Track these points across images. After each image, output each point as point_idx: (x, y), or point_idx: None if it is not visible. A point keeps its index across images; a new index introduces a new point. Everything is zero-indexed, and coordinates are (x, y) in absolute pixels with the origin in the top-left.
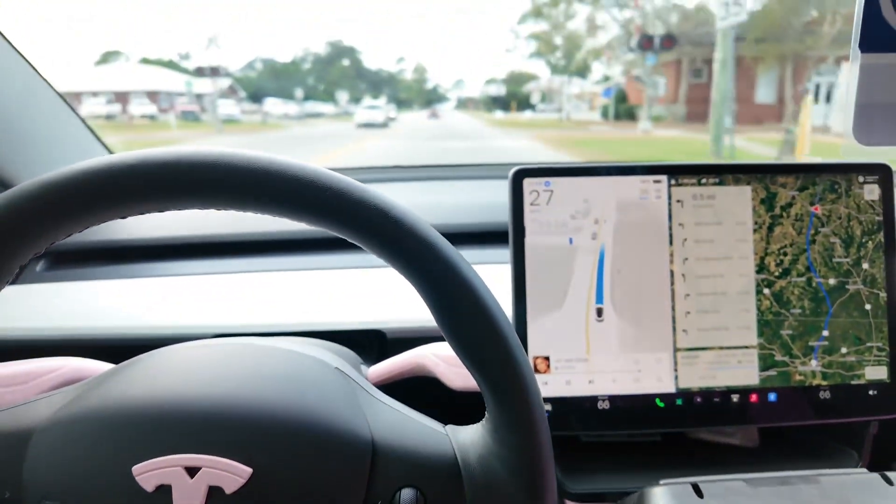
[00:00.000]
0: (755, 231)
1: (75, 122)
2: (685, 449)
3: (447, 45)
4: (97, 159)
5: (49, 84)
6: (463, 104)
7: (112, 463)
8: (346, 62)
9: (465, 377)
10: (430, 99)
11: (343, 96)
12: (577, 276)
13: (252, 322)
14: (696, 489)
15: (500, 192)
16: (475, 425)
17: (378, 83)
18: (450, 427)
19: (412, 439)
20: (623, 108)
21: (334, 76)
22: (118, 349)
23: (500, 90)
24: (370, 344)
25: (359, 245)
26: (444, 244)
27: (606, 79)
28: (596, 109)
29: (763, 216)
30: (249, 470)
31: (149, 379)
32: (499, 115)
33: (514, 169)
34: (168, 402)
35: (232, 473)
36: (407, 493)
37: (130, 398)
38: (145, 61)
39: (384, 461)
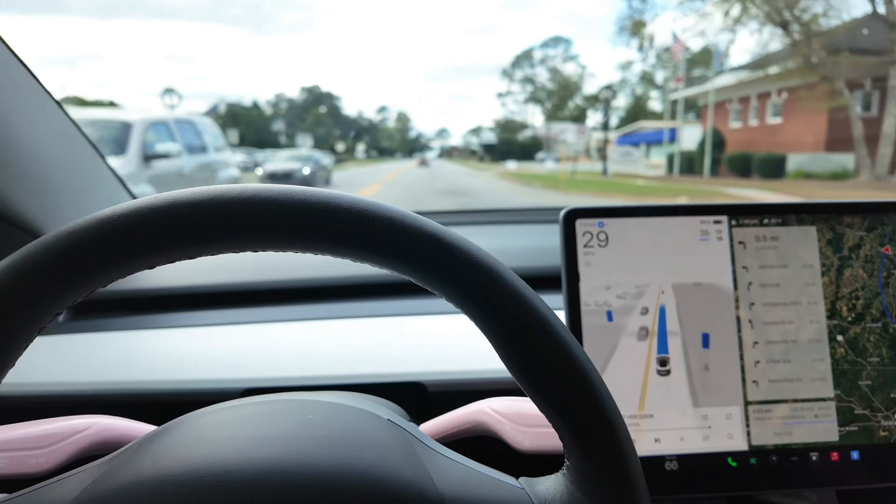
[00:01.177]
0: (824, 274)
1: (105, 170)
2: None
3: (431, 92)
4: (158, 196)
5: (81, 131)
6: (447, 153)
7: None
8: (322, 109)
9: (534, 437)
10: (413, 148)
11: (307, 141)
12: (637, 324)
13: (282, 375)
14: None
15: (547, 237)
16: (554, 476)
17: (359, 131)
18: (524, 479)
19: (485, 496)
20: (699, 159)
21: (309, 122)
22: (146, 404)
23: (489, 137)
24: (409, 398)
25: (430, 289)
26: (522, 285)
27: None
28: (655, 164)
29: (831, 258)
30: None
31: (185, 448)
32: (511, 165)
33: (565, 209)
34: (208, 474)
35: None
36: None
37: (165, 472)
38: (79, 102)
39: None
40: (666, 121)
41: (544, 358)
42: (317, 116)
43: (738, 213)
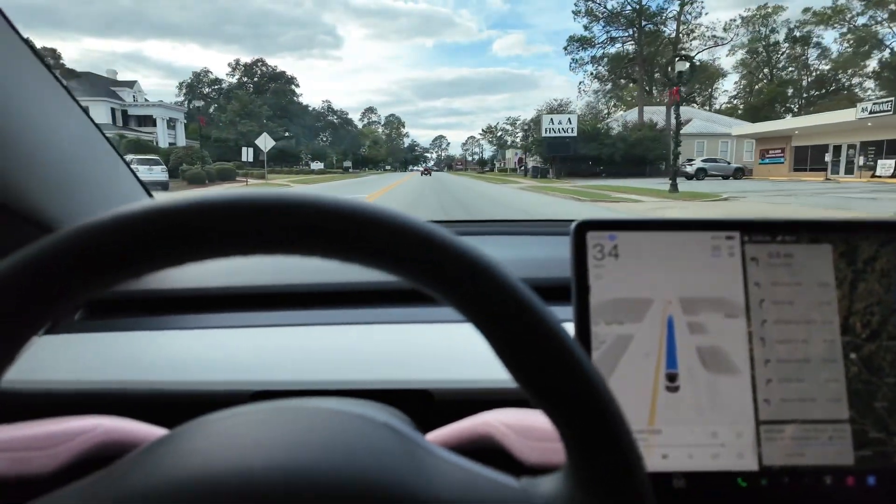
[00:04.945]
0: (837, 287)
1: (124, 170)
2: None
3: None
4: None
5: (101, 131)
6: (447, 164)
7: None
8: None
9: (542, 452)
10: (406, 158)
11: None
12: (646, 338)
13: (291, 379)
14: None
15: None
16: (553, 477)
17: (321, 129)
18: (524, 480)
19: (485, 497)
20: None
21: (234, 110)
22: (155, 404)
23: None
24: (415, 406)
25: (435, 295)
26: (518, 283)
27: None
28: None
29: (844, 271)
30: None
31: (175, 460)
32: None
33: (575, 222)
34: (200, 484)
35: None
36: None
37: (156, 484)
38: None
39: None
40: None
41: (541, 353)
42: (243, 101)
43: (751, 230)
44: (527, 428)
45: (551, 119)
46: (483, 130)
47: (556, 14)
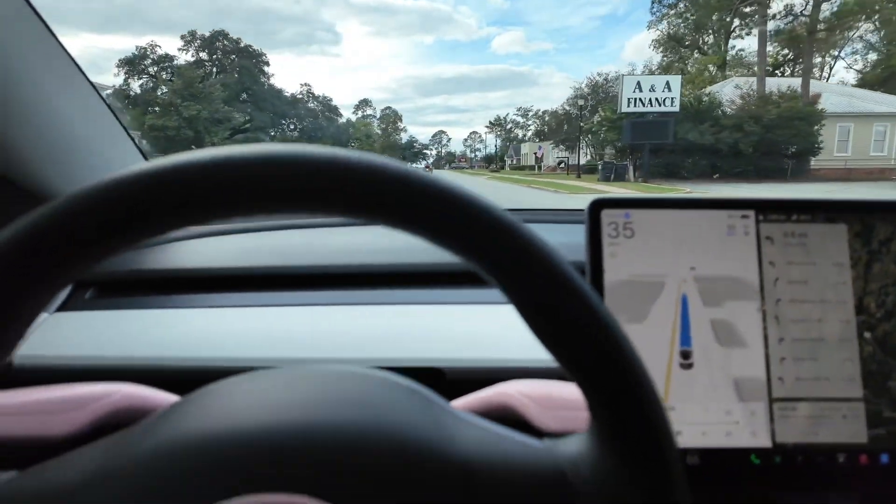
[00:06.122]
0: (852, 268)
1: (124, 137)
2: None
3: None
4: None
5: (102, 97)
6: (447, 161)
7: None
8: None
9: (561, 420)
10: (405, 155)
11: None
12: (660, 316)
13: (304, 356)
14: None
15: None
16: (577, 436)
17: (286, 113)
18: (547, 440)
19: (509, 456)
20: None
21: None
22: (168, 378)
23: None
24: (427, 385)
25: (457, 253)
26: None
27: None
28: None
29: (860, 251)
30: None
31: (204, 416)
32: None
33: (591, 199)
34: (227, 438)
35: None
36: None
37: (181, 438)
38: None
39: (481, 483)
40: None
41: (565, 305)
42: (187, 78)
43: (766, 209)
44: (545, 396)
45: (638, 84)
46: (490, 123)
47: (555, 10)
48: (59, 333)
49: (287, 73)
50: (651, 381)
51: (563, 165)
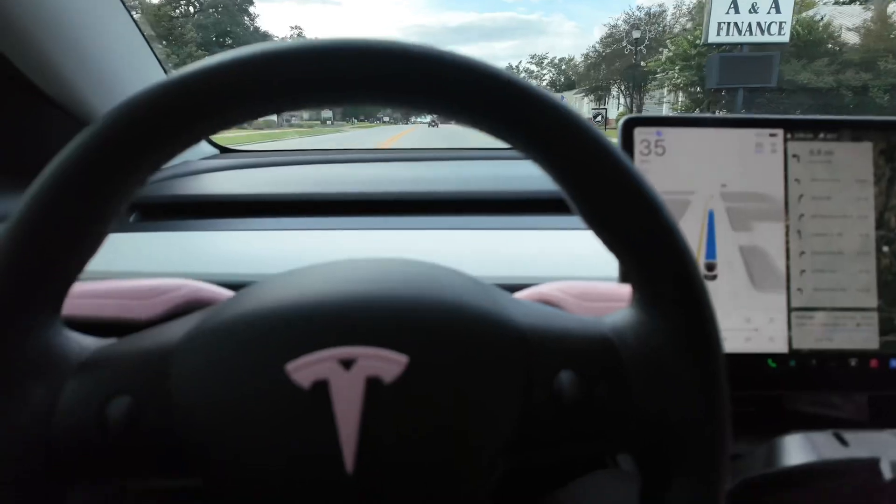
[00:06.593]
0: (875, 184)
1: (150, 56)
2: (784, 423)
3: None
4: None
5: (130, 13)
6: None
7: (263, 366)
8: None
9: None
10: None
11: None
12: (687, 231)
13: None
14: (840, 438)
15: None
16: (620, 311)
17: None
18: (594, 316)
19: (563, 325)
20: None
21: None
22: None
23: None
24: None
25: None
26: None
27: None
28: None
29: (883, 168)
30: (406, 358)
31: (291, 285)
32: None
33: (624, 118)
34: (316, 301)
35: (388, 362)
36: (565, 376)
37: (273, 302)
38: None
39: (539, 345)
40: None
41: (614, 183)
42: (153, 17)
43: (794, 128)
44: (583, 292)
45: (734, 4)
46: None
47: None
48: (108, 250)
49: (277, 19)
50: (692, 253)
51: (598, 119)
